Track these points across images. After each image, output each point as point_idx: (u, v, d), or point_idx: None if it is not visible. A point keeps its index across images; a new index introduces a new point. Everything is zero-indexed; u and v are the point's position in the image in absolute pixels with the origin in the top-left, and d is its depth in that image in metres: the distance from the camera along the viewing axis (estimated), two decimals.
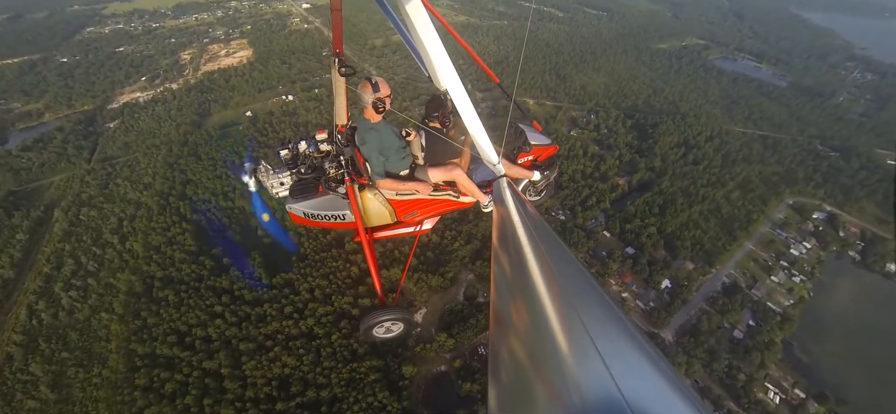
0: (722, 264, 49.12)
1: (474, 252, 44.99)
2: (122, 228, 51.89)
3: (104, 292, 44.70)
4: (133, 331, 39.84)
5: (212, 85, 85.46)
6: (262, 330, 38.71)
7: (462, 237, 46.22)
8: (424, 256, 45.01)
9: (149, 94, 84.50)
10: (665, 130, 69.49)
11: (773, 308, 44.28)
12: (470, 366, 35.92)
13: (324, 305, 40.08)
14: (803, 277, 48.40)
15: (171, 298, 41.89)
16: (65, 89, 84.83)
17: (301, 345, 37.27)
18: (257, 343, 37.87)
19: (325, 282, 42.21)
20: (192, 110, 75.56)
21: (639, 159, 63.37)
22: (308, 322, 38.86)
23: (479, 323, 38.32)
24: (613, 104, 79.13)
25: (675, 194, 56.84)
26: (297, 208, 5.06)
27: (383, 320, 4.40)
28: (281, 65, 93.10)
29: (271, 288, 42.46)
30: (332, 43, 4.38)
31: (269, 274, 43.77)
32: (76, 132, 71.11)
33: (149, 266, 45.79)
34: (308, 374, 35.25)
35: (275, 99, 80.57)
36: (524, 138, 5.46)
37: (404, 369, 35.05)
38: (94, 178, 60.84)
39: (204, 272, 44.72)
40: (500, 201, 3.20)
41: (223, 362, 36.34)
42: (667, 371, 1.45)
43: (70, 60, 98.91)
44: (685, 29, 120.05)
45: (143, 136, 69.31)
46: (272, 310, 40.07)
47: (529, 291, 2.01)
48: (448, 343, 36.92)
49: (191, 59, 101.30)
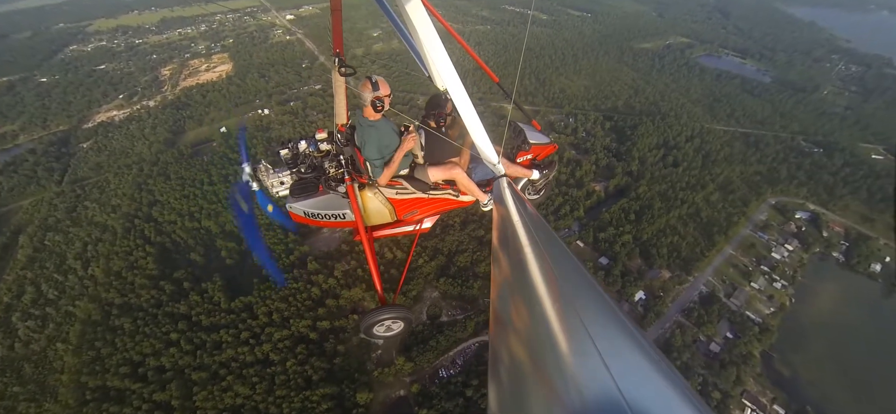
0: (700, 272, 47.64)
1: (440, 268, 43.67)
2: (86, 253, 50.74)
3: (62, 321, 43.46)
4: (85, 362, 38.55)
5: (188, 101, 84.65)
6: (217, 358, 37.40)
7: (427, 252, 44.92)
8: (389, 273, 43.65)
9: (125, 112, 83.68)
10: (644, 132, 68.25)
11: (751, 318, 42.72)
12: (428, 391, 34.47)
13: (281, 330, 38.75)
14: (785, 282, 46.87)
15: (127, 326, 40.67)
16: (40, 110, 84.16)
17: (255, 372, 35.94)
18: (211, 372, 36.54)
19: (285, 304, 40.91)
20: (166, 128, 74.68)
21: (616, 163, 62.04)
22: (264, 348, 37.54)
23: (440, 345, 36.95)
24: (593, 107, 78.00)
25: (653, 199, 55.46)
26: (298, 207, 5.09)
27: (384, 319, 4.35)
28: (259, 78, 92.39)
29: (229, 313, 41.16)
30: (332, 43, 4.40)
31: (228, 297, 42.49)
32: (48, 154, 70.25)
33: (108, 293, 44.60)
34: (260, 403, 33.89)
35: (250, 113, 79.67)
36: (523, 137, 5.48)
37: (359, 396, 33.62)
38: (62, 202, 59.80)
39: (163, 297, 43.50)
40: (500, 201, 3.17)
41: (174, 394, 35.00)
42: (667, 371, 1.44)
43: (49, 80, 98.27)
44: (669, 28, 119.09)
45: (115, 156, 68.38)
46: (228, 336, 38.77)
47: (529, 290, 2.01)
48: (407, 367, 35.50)
49: (170, 75, 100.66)
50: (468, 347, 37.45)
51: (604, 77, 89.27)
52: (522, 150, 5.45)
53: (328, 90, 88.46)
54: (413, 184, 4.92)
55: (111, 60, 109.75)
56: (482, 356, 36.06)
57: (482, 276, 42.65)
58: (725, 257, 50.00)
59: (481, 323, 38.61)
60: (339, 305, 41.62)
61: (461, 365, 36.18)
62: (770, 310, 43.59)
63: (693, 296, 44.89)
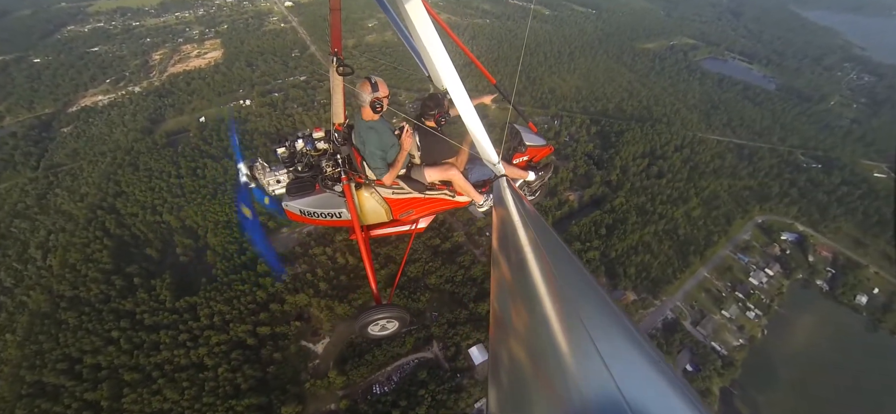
0: (669, 295, 45.17)
1: (389, 277, 41.98)
2: (47, 242, 50.74)
3: (15, 311, 43.52)
4: (27, 356, 38.43)
5: (173, 88, 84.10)
6: (153, 359, 36.84)
7: (379, 259, 43.34)
8: (337, 280, 42.46)
9: (110, 97, 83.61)
10: (631, 138, 65.03)
11: (717, 349, 40.23)
12: (357, 408, 33.23)
13: (220, 333, 37.93)
14: (759, 312, 44.05)
15: (72, 321, 40.39)
16: (28, 91, 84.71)
17: (187, 377, 35.23)
18: (144, 374, 36.00)
19: (228, 307, 40.06)
20: (146, 116, 74.31)
21: (596, 172, 59.23)
22: (200, 352, 36.79)
23: (376, 359, 35.60)
24: (581, 109, 74.74)
25: (628, 213, 52.74)
26: (294, 206, 5.11)
27: (379, 318, 4.34)
28: (246, 67, 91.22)
29: (173, 312, 40.51)
30: (331, 42, 4.37)
31: (174, 296, 41.84)
32: (28, 138, 70.58)
33: (60, 285, 44.41)
34: (186, 410, 33.18)
35: (232, 103, 78.75)
36: (520, 139, 5.47)
37: (285, 410, 32.59)
38: (34, 188, 59.97)
39: (112, 292, 43.11)
40: (499, 201, 3.14)
41: (104, 394, 34.58)
42: (667, 371, 1.45)
43: (43, 61, 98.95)
44: (676, 28, 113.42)
45: (93, 143, 68.32)
46: (167, 337, 38.15)
47: (530, 290, 2.01)
48: (339, 381, 34.29)
49: (160, 59, 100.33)
50: (406, 363, 36.06)
51: (598, 78, 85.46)
52: (519, 151, 5.43)
53: (311, 82, 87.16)
54: (409, 184, 4.94)
55: (105, 42, 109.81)
56: (416, 376, 34.60)
57: (432, 288, 41.00)
58: (699, 280, 47.30)
59: (422, 340, 37.10)
60: (284, 310, 40.57)
61: (396, 382, 34.84)
62: (738, 342, 41.01)
63: (656, 322, 42.53)
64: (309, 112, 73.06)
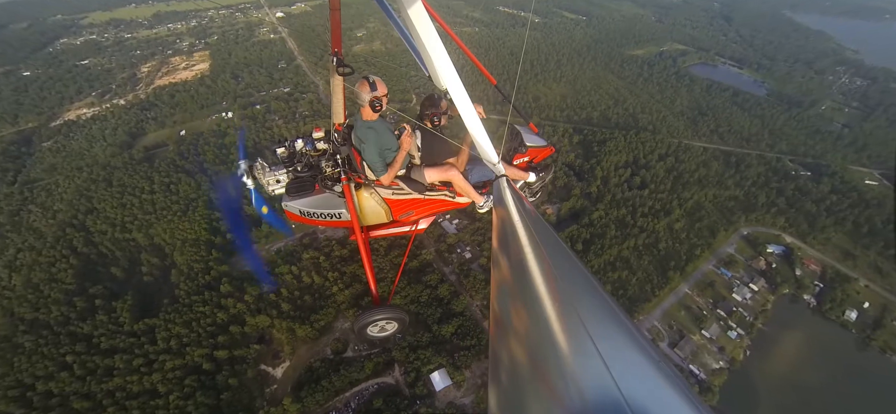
0: (646, 314, 43.42)
1: (354, 297, 40.83)
2: (15, 261, 49.93)
3: None
4: None
5: (157, 101, 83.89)
6: (105, 385, 35.60)
7: (344, 279, 42.11)
8: (302, 300, 41.14)
9: (94, 110, 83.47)
10: (613, 147, 63.60)
11: (695, 373, 38.38)
12: None
13: (176, 358, 36.69)
14: (741, 331, 42.16)
15: (28, 345, 39.33)
16: (14, 105, 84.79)
17: (138, 405, 33.97)
18: (95, 401, 34.75)
19: (187, 330, 38.85)
20: (126, 130, 73.91)
21: (575, 183, 57.79)
22: (154, 378, 35.55)
23: (334, 385, 34.15)
24: (565, 118, 73.50)
25: (608, 226, 51.16)
26: (294, 206, 5.08)
27: (378, 319, 4.35)
28: (231, 79, 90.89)
29: (131, 335, 39.36)
30: (331, 42, 4.33)
31: (133, 318, 40.73)
32: (7, 153, 70.35)
33: (21, 307, 43.47)
34: None
35: (213, 116, 78.21)
36: (520, 140, 5.41)
37: None
38: (8, 204, 59.37)
39: (73, 314, 42.09)
40: (500, 201, 3.10)
41: None
42: (667, 371, 1.45)
43: (32, 74, 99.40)
44: (667, 33, 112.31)
45: (71, 158, 67.82)
46: (122, 362, 36.95)
47: (530, 291, 2.01)
48: (292, 409, 32.86)
49: (148, 72, 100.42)
50: (365, 389, 34.56)
51: (585, 85, 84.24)
52: (519, 152, 5.39)
53: (294, 94, 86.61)
54: (409, 184, 4.91)
55: (96, 55, 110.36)
56: (372, 404, 33.09)
57: None
58: (679, 297, 45.50)
59: (382, 364, 35.61)
60: (244, 332, 39.31)
61: (353, 409, 33.35)
62: (718, 364, 39.11)
63: None
64: (289, 124, 72.33)
